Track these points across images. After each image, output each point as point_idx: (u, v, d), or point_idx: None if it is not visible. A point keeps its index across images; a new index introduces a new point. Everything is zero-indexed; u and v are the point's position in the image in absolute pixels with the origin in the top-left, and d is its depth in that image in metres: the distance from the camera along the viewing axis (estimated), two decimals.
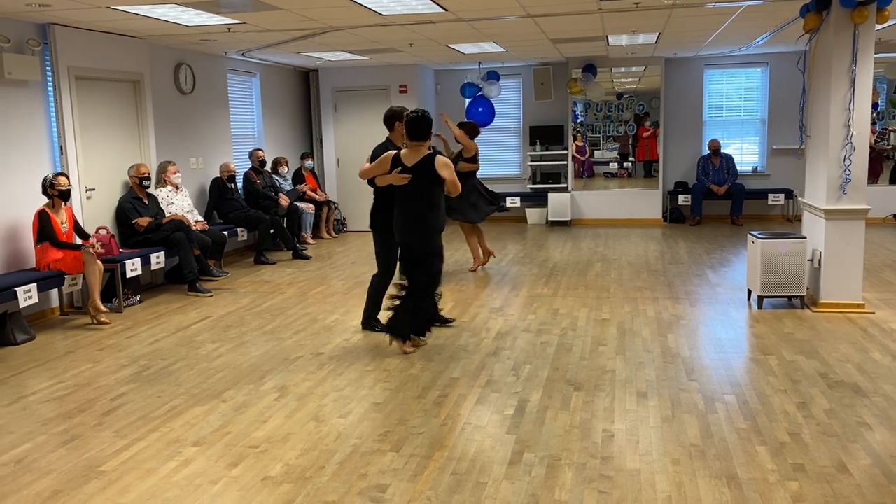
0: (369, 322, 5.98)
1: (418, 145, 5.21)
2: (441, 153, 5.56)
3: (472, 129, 8.07)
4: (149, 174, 7.57)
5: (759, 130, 11.97)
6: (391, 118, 5.78)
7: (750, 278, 6.57)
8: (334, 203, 11.45)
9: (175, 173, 7.97)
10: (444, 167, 5.17)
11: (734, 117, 12.07)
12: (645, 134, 11.81)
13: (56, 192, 6.32)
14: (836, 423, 3.92)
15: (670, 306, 6.51)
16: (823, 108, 6.08)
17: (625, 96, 11.82)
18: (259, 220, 9.08)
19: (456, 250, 9.68)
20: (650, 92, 11.72)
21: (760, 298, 6.35)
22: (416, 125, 5.16)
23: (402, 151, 5.28)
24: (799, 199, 6.65)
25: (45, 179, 6.32)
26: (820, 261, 6.14)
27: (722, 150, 11.57)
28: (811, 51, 6.30)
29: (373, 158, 5.59)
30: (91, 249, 6.37)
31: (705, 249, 9.33)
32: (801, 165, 7.15)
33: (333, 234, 11.30)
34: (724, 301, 6.65)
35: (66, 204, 6.47)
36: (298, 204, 10.18)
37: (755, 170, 11.98)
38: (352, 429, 4.01)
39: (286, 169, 10.48)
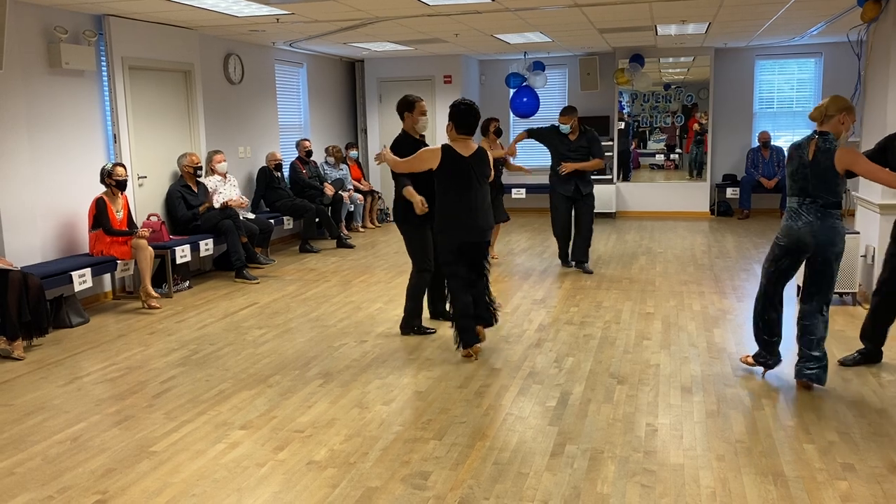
0: (411, 325, 5.58)
1: (467, 139, 4.98)
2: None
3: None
4: (200, 163, 7.73)
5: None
6: (403, 107, 5.40)
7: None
8: (378, 193, 11.52)
9: (220, 162, 8.10)
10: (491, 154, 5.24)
11: (785, 109, 11.78)
12: (696, 126, 11.60)
13: (113, 181, 6.50)
14: (888, 422, 3.83)
15: (717, 301, 6.42)
16: (880, 99, 5.91)
17: (672, 87, 11.63)
18: (304, 208, 9.19)
19: (505, 245, 9.68)
20: (699, 83, 11.51)
21: None
22: (467, 116, 4.90)
23: (455, 145, 4.94)
24: (852, 193, 6.48)
25: (103, 168, 6.50)
26: (874, 257, 5.98)
27: (772, 143, 11.33)
28: (868, 41, 6.12)
29: (396, 149, 5.26)
30: (140, 237, 6.54)
31: (753, 243, 9.15)
32: None
33: (377, 223, 11.38)
34: None
35: (122, 193, 6.65)
36: (344, 194, 10.27)
37: None
38: (395, 416, 4.05)
39: (333, 159, 10.58)
